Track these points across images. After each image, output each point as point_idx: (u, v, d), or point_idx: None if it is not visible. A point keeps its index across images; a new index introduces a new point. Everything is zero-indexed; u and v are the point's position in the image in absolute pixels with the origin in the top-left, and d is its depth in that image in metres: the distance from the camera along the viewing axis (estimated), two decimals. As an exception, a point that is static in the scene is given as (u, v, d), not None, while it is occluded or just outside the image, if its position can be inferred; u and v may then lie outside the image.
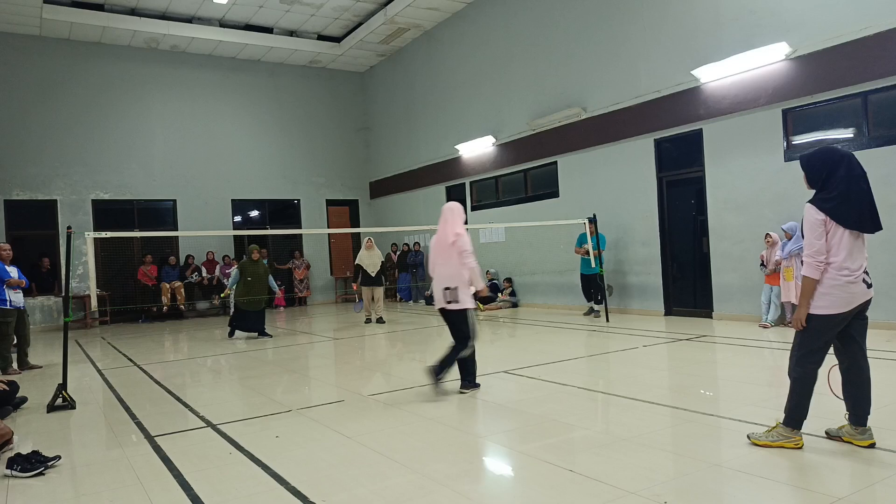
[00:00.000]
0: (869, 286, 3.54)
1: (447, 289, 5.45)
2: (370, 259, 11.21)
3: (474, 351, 5.62)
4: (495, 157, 13.88)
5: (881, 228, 3.52)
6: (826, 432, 3.84)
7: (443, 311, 5.61)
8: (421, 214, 16.40)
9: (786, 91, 8.54)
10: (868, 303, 3.58)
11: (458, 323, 5.51)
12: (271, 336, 10.50)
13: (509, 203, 13.76)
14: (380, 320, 11.54)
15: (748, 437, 3.82)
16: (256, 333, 10.51)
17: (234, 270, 10.71)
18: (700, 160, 9.76)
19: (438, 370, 5.45)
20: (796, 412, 3.64)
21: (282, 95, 17.59)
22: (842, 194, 3.46)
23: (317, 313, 14.85)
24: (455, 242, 5.45)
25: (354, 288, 11.52)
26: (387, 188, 18.06)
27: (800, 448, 3.63)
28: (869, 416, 3.64)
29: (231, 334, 10.65)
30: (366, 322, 11.46)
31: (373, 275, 11.22)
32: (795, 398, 3.63)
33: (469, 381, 5.61)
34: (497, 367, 6.61)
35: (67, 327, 6.17)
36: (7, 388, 5.60)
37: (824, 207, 3.49)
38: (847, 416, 3.70)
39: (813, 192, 3.65)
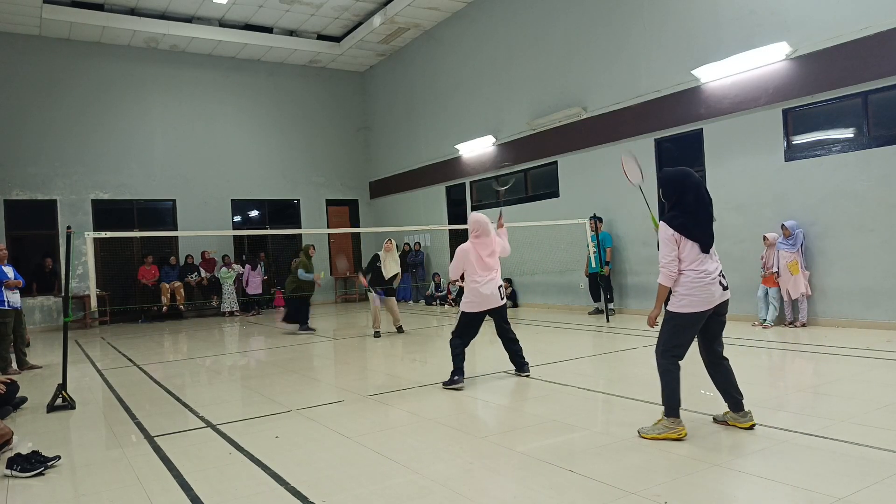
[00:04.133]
0: (725, 288, 3.98)
1: (502, 287, 6.06)
2: (390, 257, 9.86)
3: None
4: (495, 156, 13.88)
5: (711, 246, 3.99)
6: (713, 418, 4.24)
7: (493, 310, 6.01)
8: (421, 214, 16.38)
9: (786, 91, 8.54)
10: (726, 304, 4.02)
11: (506, 315, 6.19)
12: (314, 329, 11.14)
13: (509, 203, 13.75)
14: (399, 329, 10.12)
15: (638, 432, 4.03)
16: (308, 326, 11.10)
17: (300, 271, 10.84)
18: (700, 160, 9.76)
19: (523, 364, 6.14)
20: (671, 401, 3.96)
21: (281, 95, 17.58)
22: (692, 214, 3.93)
23: (317, 313, 14.84)
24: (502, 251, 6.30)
25: (361, 279, 10.15)
26: (387, 188, 18.05)
27: (683, 438, 3.86)
28: (743, 401, 4.05)
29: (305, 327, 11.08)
30: (375, 336, 9.79)
31: (385, 277, 9.77)
32: (667, 389, 3.98)
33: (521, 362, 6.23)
34: (497, 367, 6.61)
35: (67, 327, 6.17)
36: (5, 390, 5.60)
37: (674, 224, 3.93)
38: (728, 405, 4.10)
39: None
